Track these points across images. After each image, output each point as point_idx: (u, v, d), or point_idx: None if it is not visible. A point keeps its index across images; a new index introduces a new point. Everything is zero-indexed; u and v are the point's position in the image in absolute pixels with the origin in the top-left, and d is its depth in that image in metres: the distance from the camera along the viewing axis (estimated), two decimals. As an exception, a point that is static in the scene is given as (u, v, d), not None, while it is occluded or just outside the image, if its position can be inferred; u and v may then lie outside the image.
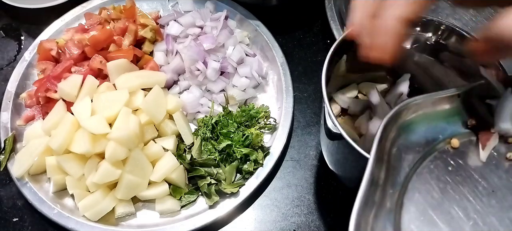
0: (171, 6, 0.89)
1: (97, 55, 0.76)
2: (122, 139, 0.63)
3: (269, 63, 0.81)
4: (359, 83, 0.65)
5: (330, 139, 0.54)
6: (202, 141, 0.71)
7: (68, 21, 0.86)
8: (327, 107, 0.48)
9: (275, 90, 0.78)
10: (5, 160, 0.70)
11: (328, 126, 0.52)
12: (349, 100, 0.62)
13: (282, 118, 0.73)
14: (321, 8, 0.81)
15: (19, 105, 0.78)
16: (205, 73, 0.75)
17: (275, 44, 0.80)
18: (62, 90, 0.71)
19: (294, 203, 0.70)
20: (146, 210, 0.68)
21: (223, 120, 0.71)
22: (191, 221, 0.65)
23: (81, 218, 0.65)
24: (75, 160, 0.66)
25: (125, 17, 0.83)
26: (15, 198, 0.71)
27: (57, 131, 0.66)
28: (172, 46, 0.80)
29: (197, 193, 0.69)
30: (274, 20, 0.84)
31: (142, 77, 0.73)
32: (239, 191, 0.67)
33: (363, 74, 0.63)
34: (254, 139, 0.69)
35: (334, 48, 0.51)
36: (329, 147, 0.58)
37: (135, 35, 0.80)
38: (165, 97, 0.73)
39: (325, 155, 0.62)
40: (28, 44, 0.84)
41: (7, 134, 0.73)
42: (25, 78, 0.80)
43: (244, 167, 0.69)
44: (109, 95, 0.70)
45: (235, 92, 0.75)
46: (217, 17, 0.82)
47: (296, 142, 0.75)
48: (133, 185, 0.65)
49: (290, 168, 0.73)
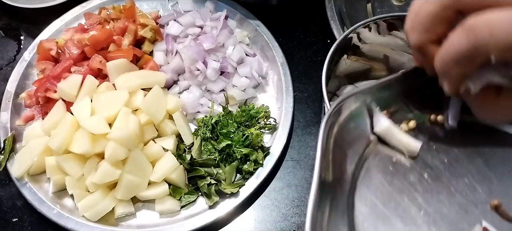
0: (171, 6, 0.89)
1: (96, 55, 0.76)
2: (121, 139, 0.63)
3: (269, 63, 0.81)
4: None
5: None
6: (202, 141, 0.71)
7: (67, 21, 0.86)
8: (327, 107, 0.48)
9: (275, 90, 0.78)
10: (4, 160, 0.70)
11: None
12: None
13: (282, 118, 0.73)
14: (321, 8, 0.81)
15: (19, 105, 0.78)
16: (205, 73, 0.75)
17: (275, 44, 0.80)
18: (61, 90, 0.71)
19: (294, 203, 0.69)
20: (146, 210, 0.68)
21: (223, 120, 0.71)
22: (191, 221, 0.65)
23: (81, 218, 0.65)
24: (74, 160, 0.66)
25: (125, 17, 0.83)
26: (15, 198, 0.71)
27: (57, 131, 0.66)
28: (172, 46, 0.80)
29: (197, 193, 0.68)
30: (274, 20, 0.84)
31: (142, 77, 0.73)
32: (239, 191, 0.67)
33: (364, 73, 0.63)
34: (254, 139, 0.69)
35: (334, 48, 0.51)
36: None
37: (135, 35, 0.80)
38: (165, 97, 0.73)
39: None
40: (28, 44, 0.84)
41: (7, 134, 0.73)
42: (25, 78, 0.80)
43: (244, 167, 0.68)
44: (109, 95, 0.69)
45: (235, 92, 0.75)
46: (217, 17, 0.82)
47: (296, 142, 0.75)
48: (132, 185, 0.65)
49: (290, 168, 0.73)
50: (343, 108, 0.42)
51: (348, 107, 0.42)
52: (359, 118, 0.44)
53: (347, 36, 0.52)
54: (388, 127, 0.43)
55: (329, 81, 0.50)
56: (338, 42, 0.51)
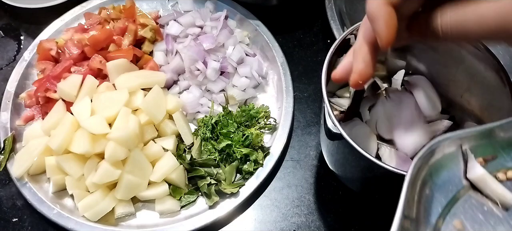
0: (171, 6, 0.89)
1: (96, 55, 0.76)
2: (121, 139, 0.63)
3: (269, 63, 0.81)
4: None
5: (330, 139, 0.54)
6: (202, 141, 0.71)
7: (67, 21, 0.86)
8: (327, 107, 0.48)
9: (275, 90, 0.78)
10: (4, 160, 0.70)
11: (328, 126, 0.52)
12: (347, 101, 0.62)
13: (282, 118, 0.73)
14: (321, 8, 0.81)
15: (19, 105, 0.78)
16: (205, 73, 0.75)
17: (275, 44, 0.80)
18: (61, 90, 0.71)
19: (294, 203, 0.69)
20: (146, 210, 0.68)
21: (223, 120, 0.71)
22: (191, 221, 0.65)
23: (81, 218, 0.65)
24: (74, 160, 0.66)
25: (125, 17, 0.83)
26: (15, 198, 0.71)
27: (57, 131, 0.66)
28: (172, 46, 0.80)
29: (197, 193, 0.68)
30: (274, 20, 0.84)
31: (142, 77, 0.73)
32: (239, 191, 0.67)
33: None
34: (254, 139, 0.69)
35: (334, 48, 0.51)
36: (329, 147, 0.58)
37: (134, 35, 0.80)
38: (165, 97, 0.73)
39: (325, 155, 0.62)
40: (28, 44, 0.84)
41: (7, 134, 0.73)
42: (25, 78, 0.80)
43: (244, 167, 0.69)
44: (109, 95, 0.69)
45: (235, 92, 0.75)
46: (217, 17, 0.82)
47: (296, 142, 0.75)
48: (132, 185, 0.65)
49: (290, 168, 0.73)
50: (437, 151, 0.40)
51: (441, 151, 0.41)
52: (452, 163, 0.42)
53: (346, 37, 0.52)
54: (482, 174, 0.41)
55: (329, 81, 0.50)
56: (338, 42, 0.51)
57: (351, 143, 0.45)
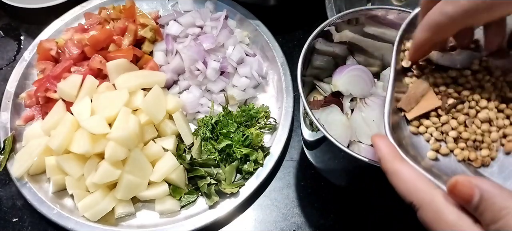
0: (171, 6, 0.89)
1: (96, 55, 0.76)
2: (121, 139, 0.63)
3: (269, 63, 0.81)
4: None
5: (307, 128, 0.54)
6: (202, 141, 0.71)
7: (67, 21, 0.86)
8: (303, 101, 0.48)
9: (275, 90, 0.78)
10: (4, 160, 0.70)
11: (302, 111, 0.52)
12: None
13: (282, 118, 0.73)
14: (321, 8, 0.80)
15: (19, 105, 0.78)
16: (205, 73, 0.75)
17: (275, 44, 0.80)
18: (61, 90, 0.71)
19: (294, 203, 0.69)
20: (146, 210, 0.68)
21: (223, 120, 0.71)
22: (191, 221, 0.65)
23: (81, 218, 0.65)
24: (74, 160, 0.66)
25: (125, 17, 0.83)
26: (15, 198, 0.71)
27: (57, 131, 0.66)
28: (172, 46, 0.80)
29: (197, 193, 0.68)
30: (274, 20, 0.84)
31: (141, 77, 0.73)
32: (239, 191, 0.67)
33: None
34: (254, 139, 0.69)
35: (311, 38, 0.54)
36: (307, 137, 0.58)
37: (134, 35, 0.80)
38: (165, 97, 0.73)
39: (304, 145, 0.62)
40: (28, 44, 0.84)
41: (7, 134, 0.73)
42: (25, 78, 0.80)
43: (244, 167, 0.68)
44: (109, 95, 0.69)
45: (235, 92, 0.75)
46: (217, 17, 0.82)
47: (296, 142, 0.75)
48: (132, 185, 0.65)
49: (290, 168, 0.73)
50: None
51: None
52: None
53: (325, 28, 0.55)
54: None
55: (308, 67, 0.51)
56: (317, 31, 0.54)
57: (330, 138, 0.45)
